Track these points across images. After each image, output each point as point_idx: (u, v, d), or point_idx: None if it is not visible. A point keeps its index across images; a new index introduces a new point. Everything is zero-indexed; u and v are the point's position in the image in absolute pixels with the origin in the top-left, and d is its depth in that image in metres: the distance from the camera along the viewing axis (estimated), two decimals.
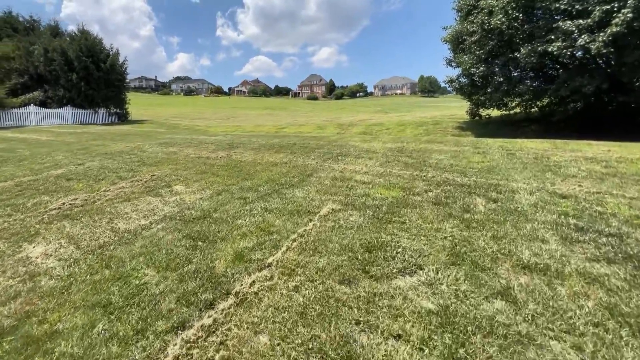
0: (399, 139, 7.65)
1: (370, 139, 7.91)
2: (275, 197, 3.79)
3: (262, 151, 6.60)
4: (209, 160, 5.99)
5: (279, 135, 9.94)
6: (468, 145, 6.48)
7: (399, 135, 12.83)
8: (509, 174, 4.22)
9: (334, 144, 7.33)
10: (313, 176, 4.57)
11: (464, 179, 4.11)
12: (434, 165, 4.88)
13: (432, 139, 7.54)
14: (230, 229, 2.97)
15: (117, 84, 19.08)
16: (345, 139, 8.15)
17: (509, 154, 5.48)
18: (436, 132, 12.67)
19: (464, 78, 11.34)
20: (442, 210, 3.13)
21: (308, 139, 8.46)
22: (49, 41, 17.03)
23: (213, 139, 8.81)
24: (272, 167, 5.24)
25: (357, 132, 13.69)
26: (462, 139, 7.56)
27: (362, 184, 4.13)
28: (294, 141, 7.93)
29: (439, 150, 5.99)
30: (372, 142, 7.28)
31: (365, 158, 5.56)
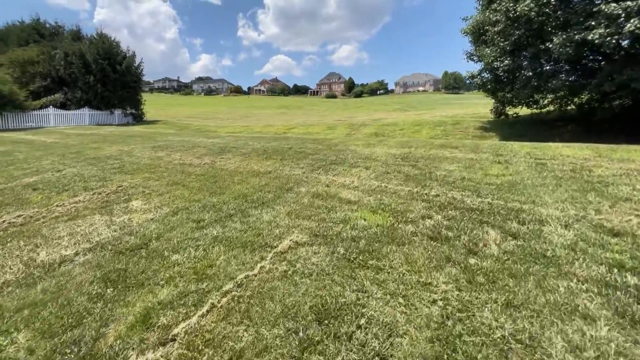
0: (407, 143, 6.76)
1: (376, 143, 7.07)
2: (236, 219, 3.12)
3: (251, 157, 5.98)
4: (190, 168, 5.44)
5: (280, 137, 9.31)
6: (488, 151, 5.50)
7: (413, 136, 11.82)
8: (537, 194, 3.29)
9: (334, 148, 6.58)
10: (292, 191, 3.86)
11: (476, 200, 3.24)
12: (441, 178, 4.01)
13: (445, 143, 6.58)
14: (158, 269, 2.33)
15: (132, 85, 19.33)
16: (347, 142, 7.37)
17: (538, 163, 4.48)
18: (455, 134, 11.52)
19: (487, 73, 10.11)
20: (439, 250, 2.32)
21: (309, 141, 7.75)
22: (69, 45, 17.49)
23: (209, 142, 8.33)
24: (253, 177, 4.59)
25: (368, 133, 12.80)
26: (482, 143, 6.54)
27: (347, 203, 3.37)
28: (291, 145, 7.25)
29: (451, 158, 5.07)
30: (375, 147, 6.45)
31: (361, 167, 4.77)
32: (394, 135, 12.23)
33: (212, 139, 9.20)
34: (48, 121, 16.13)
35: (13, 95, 14.42)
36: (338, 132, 13.78)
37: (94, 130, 13.86)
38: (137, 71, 19.75)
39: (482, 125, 12.38)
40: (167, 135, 11.07)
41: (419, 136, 11.72)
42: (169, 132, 12.57)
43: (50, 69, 17.54)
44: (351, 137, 12.74)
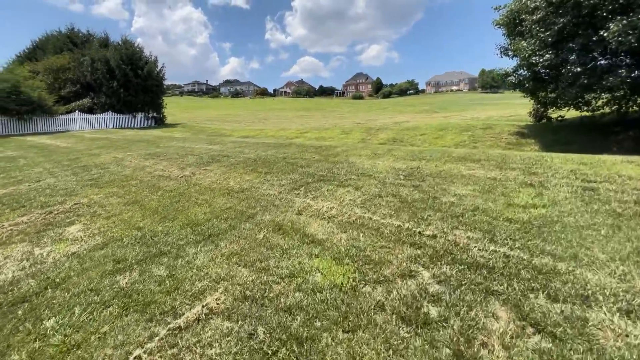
0: (419, 154, 5.76)
1: (384, 153, 6.14)
2: (164, 261, 2.45)
3: (235, 169, 5.33)
4: (164, 181, 4.90)
5: (285, 144, 8.63)
6: (518, 167, 4.40)
7: (435, 143, 10.63)
8: (582, 243, 2.26)
9: (332, 159, 5.76)
10: (253, 220, 3.12)
11: (488, 247, 2.29)
12: (446, 208, 3.06)
13: (466, 155, 5.49)
14: (14, 343, 1.70)
15: (154, 89, 19.79)
16: (352, 151, 6.50)
17: (586, 188, 3.36)
18: (485, 140, 10.15)
19: (524, 70, 8.67)
20: (408, 348, 1.45)
21: (310, 150, 6.99)
22: (95, 52, 18.25)
23: (206, 149, 7.86)
24: (221, 197, 3.91)
25: (384, 139, 11.77)
26: (513, 155, 5.37)
27: (310, 243, 2.56)
28: (288, 154, 6.55)
29: (467, 177, 4.06)
30: (379, 159, 5.54)
31: (350, 187, 3.91)
32: (413, 141, 11.10)
33: (212, 145, 8.76)
34: (74, 125, 16.88)
35: (42, 101, 15.20)
36: (353, 137, 12.87)
37: (110, 134, 14.14)
38: (158, 76, 20.21)
39: (518, 130, 10.84)
40: (173, 140, 10.86)
41: (442, 143, 10.50)
42: (178, 137, 12.43)
43: (79, 75, 18.42)
44: (365, 142, 11.80)
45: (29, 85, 14.95)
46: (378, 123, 16.98)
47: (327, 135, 13.84)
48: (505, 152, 6.08)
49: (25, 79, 15.25)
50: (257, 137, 15.05)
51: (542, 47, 7.43)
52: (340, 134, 13.74)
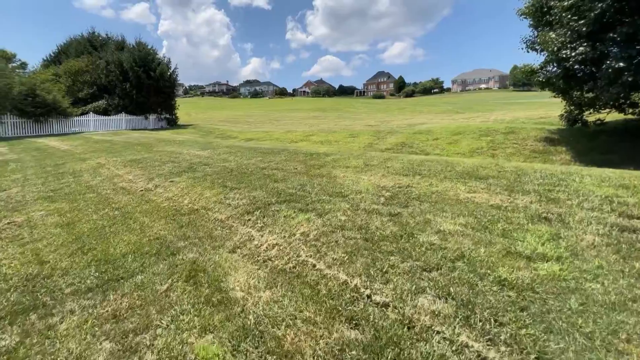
0: (416, 168, 4.91)
1: (376, 165, 5.35)
2: (21, 323, 1.88)
3: (203, 183, 4.75)
4: (119, 196, 4.42)
5: (278, 150, 8.00)
6: (534, 188, 3.48)
7: (448, 149, 9.59)
8: (611, 342, 1.41)
9: (313, 172, 5.06)
10: (172, 259, 2.51)
11: (458, 337, 1.50)
12: (421, 253, 2.28)
13: (473, 170, 4.57)
14: None
15: (166, 90, 19.92)
16: (340, 161, 5.75)
17: (624, 228, 2.46)
18: (505, 147, 8.97)
19: (553, 66, 7.44)
20: None
21: (298, 158, 6.31)
22: (110, 55, 18.62)
23: (191, 155, 7.41)
24: (161, 221, 3.34)
25: (392, 144, 10.84)
26: (531, 170, 4.40)
27: (214, 306, 1.91)
28: (271, 163, 5.94)
29: (463, 203, 3.22)
30: (366, 173, 4.76)
31: (313, 214, 3.19)
32: (424, 147, 10.11)
33: (201, 151, 8.31)
34: (88, 126, 17.29)
35: (57, 103, 15.62)
36: (360, 141, 12.04)
37: (116, 136, 14.22)
38: (171, 77, 20.33)
39: (547, 135, 9.52)
40: (171, 143, 10.57)
41: (455, 150, 9.44)
42: (180, 139, 12.18)
43: (96, 77, 18.88)
44: (372, 147, 10.96)
45: (44, 89, 15.41)
46: (391, 125, 16.00)
47: (334, 138, 13.10)
48: (523, 165, 5.06)
49: (42, 82, 15.75)
50: (260, 140, 14.62)
51: (575, 39, 6.22)
52: (347, 137, 12.94)
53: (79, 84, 18.97)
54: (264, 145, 10.02)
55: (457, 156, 8.89)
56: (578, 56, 6.17)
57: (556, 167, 4.63)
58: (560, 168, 4.57)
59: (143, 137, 13.42)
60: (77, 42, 22.30)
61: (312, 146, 11.96)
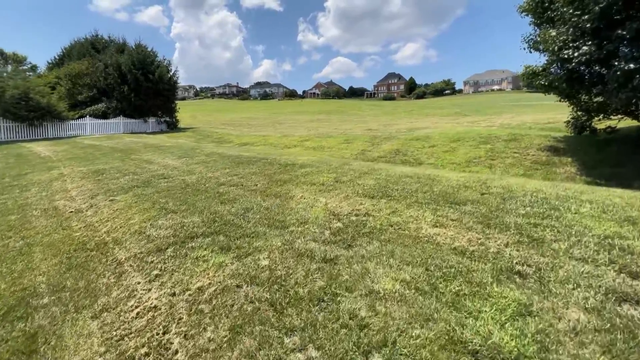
0: (391, 186, 4.27)
1: (347, 180, 4.73)
2: None
3: (143, 203, 4.24)
4: (39, 220, 3.97)
5: (254, 160, 7.45)
6: (516, 220, 2.82)
7: (443, 158, 8.84)
8: None
9: (271, 190, 4.49)
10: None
11: None
12: (336, 329, 1.67)
13: (454, 190, 3.90)
14: None
15: (165, 93, 19.69)
16: (311, 175, 5.15)
17: (624, 297, 1.77)
18: (506, 157, 8.16)
19: (556, 67, 6.58)
20: None
21: (267, 171, 5.76)
22: (109, 57, 18.53)
23: (165, 164, 6.98)
24: (54, 258, 2.84)
25: (386, 151, 10.16)
26: (520, 193, 3.71)
27: None
28: (236, 176, 5.42)
29: (422, 241, 2.58)
30: (328, 194, 4.15)
31: (231, 256, 2.60)
32: (418, 155, 9.38)
33: (175, 160, 7.87)
34: (85, 130, 17.19)
35: (51, 107, 15.53)
36: (353, 147, 11.39)
37: (106, 140, 14.02)
38: (171, 80, 20.10)
39: (552, 144, 8.63)
40: (154, 150, 10.20)
41: (451, 158, 8.68)
42: (167, 145, 11.81)
43: (96, 80, 18.82)
44: (364, 154, 10.31)
45: (39, 92, 15.36)
46: (391, 130, 15.27)
47: (328, 144, 12.49)
48: (514, 183, 4.33)
49: (38, 85, 15.72)
50: (254, 145, 14.19)
51: (578, 37, 5.40)
52: (342, 143, 12.32)
53: (78, 87, 18.98)
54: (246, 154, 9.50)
55: (451, 166, 8.15)
56: (581, 56, 5.35)
57: (551, 189, 3.89)
58: (556, 190, 3.83)
59: (133, 142, 13.14)
60: (80, 45, 22.41)
61: (302, 152, 11.40)
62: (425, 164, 8.57)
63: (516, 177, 5.64)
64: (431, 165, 8.40)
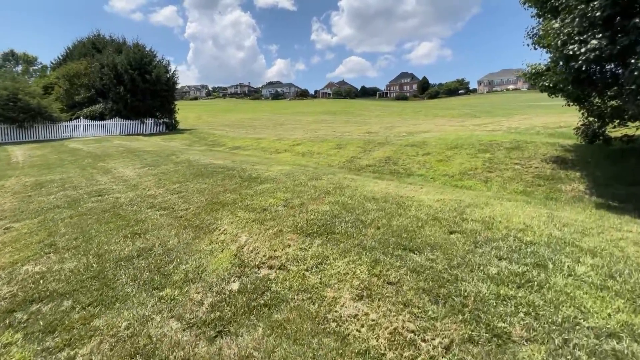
0: (342, 217, 3.44)
1: (301, 204, 3.93)
2: None
3: (34, 235, 3.55)
4: None
5: (221, 169, 6.76)
6: (476, 290, 1.95)
7: (436, 168, 7.86)
8: None
9: (195, 220, 3.76)
10: None
11: None
12: None
13: (417, 226, 3.03)
14: None
15: (163, 94, 19.26)
16: (254, 198, 4.37)
17: None
18: (505, 169, 7.10)
19: (562, 65, 5.43)
20: None
21: (215, 190, 5.04)
22: (106, 57, 18.22)
23: (119, 175, 6.37)
24: None
25: (376, 159, 9.25)
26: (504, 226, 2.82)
27: None
28: (175, 195, 4.70)
29: (331, 327, 1.79)
30: (253, 231, 3.35)
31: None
32: (410, 164, 8.43)
33: (136, 169, 7.26)
34: (79, 132, 16.93)
35: (41, 108, 15.27)
36: (343, 153, 10.52)
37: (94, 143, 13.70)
38: (170, 80, 19.63)
39: (559, 154, 7.48)
40: (126, 156, 9.67)
41: (444, 169, 7.69)
42: (147, 150, 11.28)
43: (94, 81, 18.59)
44: (353, 163, 9.45)
45: (29, 93, 15.14)
46: (391, 133, 14.26)
47: (318, 149, 11.66)
48: (499, 213, 3.39)
49: (27, 86, 15.54)
50: (244, 149, 13.58)
51: (586, 28, 4.29)
52: (333, 148, 11.46)
53: (76, 88, 18.82)
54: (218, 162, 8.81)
55: (443, 179, 7.18)
56: (590, 53, 4.24)
57: (544, 226, 2.95)
58: (549, 228, 2.89)
59: (115, 146, 12.74)
60: (82, 45, 22.34)
61: (287, 159, 10.65)
62: (415, 175, 7.63)
63: (509, 199, 4.66)
64: (421, 177, 7.45)
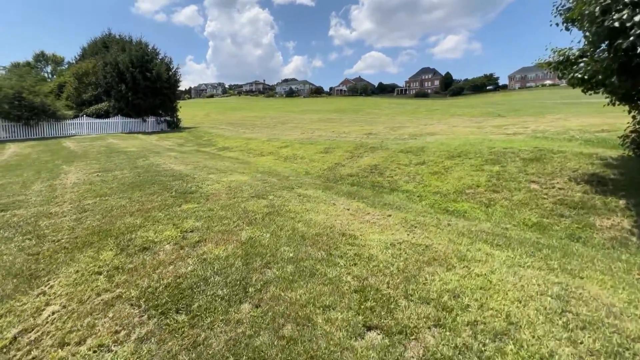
0: (222, 269, 2.34)
1: (199, 241, 2.88)
2: None
3: None
4: None
5: (173, 177, 5.86)
6: None
7: (428, 183, 6.49)
8: None
9: (36, 267, 2.78)
10: None
11: None
12: None
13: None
14: None
15: (165, 92, 19.03)
16: (156, 224, 3.37)
17: None
18: (517, 187, 5.57)
19: (601, 47, 3.83)
20: None
21: (145, 207, 4.10)
22: (110, 56, 18.23)
23: (49, 185, 5.64)
24: None
25: (362, 166, 7.99)
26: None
27: None
28: (82, 215, 3.81)
29: None
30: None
31: None
32: (398, 175, 7.09)
33: (85, 175, 6.55)
34: (81, 129, 17.07)
35: (45, 106, 15.47)
36: (328, 159, 9.35)
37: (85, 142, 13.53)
38: (172, 78, 19.38)
39: (597, 170, 5.78)
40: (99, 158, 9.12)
41: (438, 184, 6.29)
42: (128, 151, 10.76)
43: (99, 79, 18.72)
44: (334, 170, 8.25)
45: (33, 92, 15.36)
46: (392, 135, 12.83)
47: (303, 153, 10.55)
48: (478, 284, 2.13)
49: (32, 85, 15.79)
50: (230, 150, 12.83)
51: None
52: (320, 152, 10.31)
53: (84, 86, 19.05)
54: (178, 168, 7.95)
55: (432, 198, 5.80)
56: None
57: (544, 336, 1.67)
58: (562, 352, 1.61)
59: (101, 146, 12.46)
60: (94, 44, 22.79)
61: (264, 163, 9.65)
62: (399, 190, 6.31)
63: (508, 243, 3.28)
64: (405, 194, 6.12)
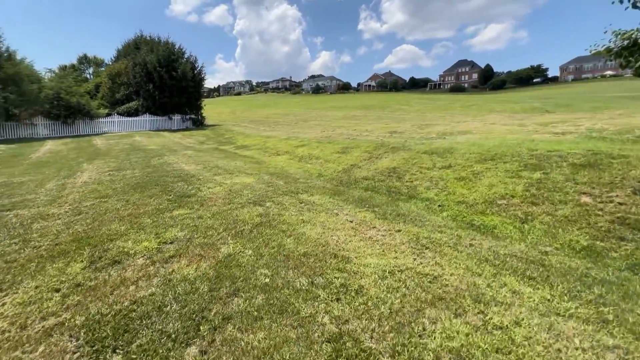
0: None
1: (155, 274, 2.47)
2: None
3: None
4: None
5: (175, 179, 5.62)
6: None
7: (453, 190, 5.66)
8: None
9: None
10: None
11: None
12: None
13: None
14: None
15: (190, 90, 19.40)
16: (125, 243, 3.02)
17: None
18: (561, 200, 4.59)
19: None
20: None
21: (134, 213, 3.83)
22: (139, 56, 18.91)
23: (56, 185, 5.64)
24: None
25: (380, 169, 7.28)
26: None
27: None
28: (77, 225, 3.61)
29: None
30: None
31: None
32: (419, 180, 6.31)
33: (99, 174, 6.52)
34: (113, 127, 17.94)
35: (80, 106, 16.41)
36: (345, 159, 8.72)
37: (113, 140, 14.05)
38: (196, 77, 19.71)
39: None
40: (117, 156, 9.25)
41: (463, 192, 5.44)
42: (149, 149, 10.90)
43: (130, 79, 19.54)
44: (349, 173, 7.62)
45: (69, 92, 16.33)
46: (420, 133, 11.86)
47: (319, 153, 10.01)
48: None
49: (70, 86, 16.79)
50: (248, 149, 12.66)
51: None
52: (337, 152, 9.71)
53: (117, 86, 20.00)
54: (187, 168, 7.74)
55: (455, 209, 4.99)
56: None
57: None
58: None
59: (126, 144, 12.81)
60: (127, 46, 23.89)
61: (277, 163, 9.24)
62: (418, 198, 5.55)
63: (545, 272, 2.51)
64: (425, 202, 5.36)
